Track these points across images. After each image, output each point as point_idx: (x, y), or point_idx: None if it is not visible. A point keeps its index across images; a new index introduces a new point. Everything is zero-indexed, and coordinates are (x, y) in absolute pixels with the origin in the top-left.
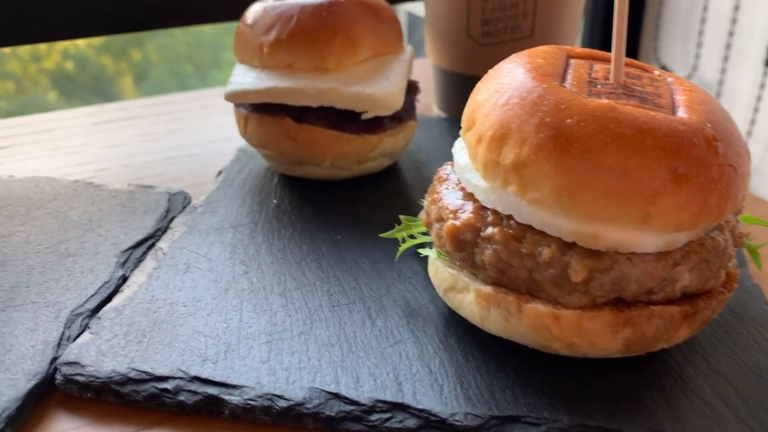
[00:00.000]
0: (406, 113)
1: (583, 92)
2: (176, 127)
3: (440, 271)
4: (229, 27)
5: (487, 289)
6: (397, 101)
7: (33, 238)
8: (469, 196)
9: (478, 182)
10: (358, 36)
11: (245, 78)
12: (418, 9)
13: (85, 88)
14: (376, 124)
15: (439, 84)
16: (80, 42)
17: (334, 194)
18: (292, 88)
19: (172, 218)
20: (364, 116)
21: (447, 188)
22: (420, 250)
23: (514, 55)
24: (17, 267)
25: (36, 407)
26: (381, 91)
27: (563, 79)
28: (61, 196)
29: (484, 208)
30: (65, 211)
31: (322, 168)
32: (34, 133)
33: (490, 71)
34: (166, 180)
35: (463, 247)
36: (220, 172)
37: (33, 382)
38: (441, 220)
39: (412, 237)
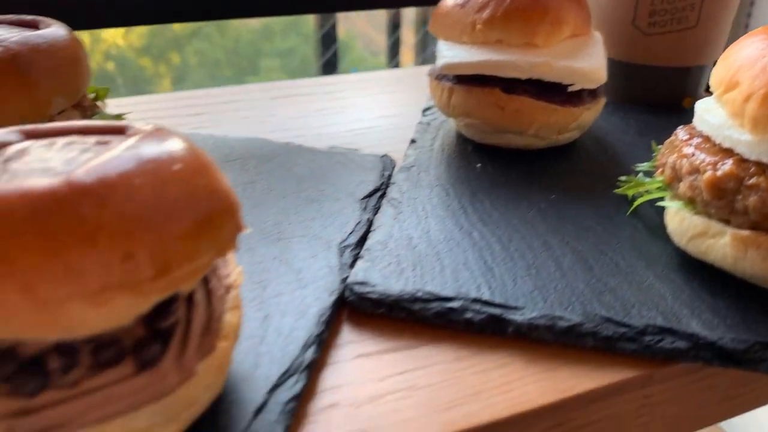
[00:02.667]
0: (599, 89)
1: None
2: (348, 104)
3: (687, 219)
4: (265, 31)
5: (745, 232)
6: (603, 74)
7: (274, 186)
8: (725, 152)
9: (741, 137)
10: (564, 16)
11: (457, 52)
12: None
13: (125, 89)
14: (577, 98)
15: None
16: (121, 42)
17: (533, 163)
18: (505, 61)
19: (389, 176)
20: (570, 89)
21: (696, 146)
22: (661, 203)
23: (758, 30)
24: (271, 208)
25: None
26: (589, 65)
27: None
28: (280, 154)
29: (745, 161)
30: (290, 167)
31: (524, 137)
32: (219, 104)
33: (735, 45)
34: (359, 147)
35: (723, 195)
36: (413, 141)
37: (334, 297)
38: (695, 171)
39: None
